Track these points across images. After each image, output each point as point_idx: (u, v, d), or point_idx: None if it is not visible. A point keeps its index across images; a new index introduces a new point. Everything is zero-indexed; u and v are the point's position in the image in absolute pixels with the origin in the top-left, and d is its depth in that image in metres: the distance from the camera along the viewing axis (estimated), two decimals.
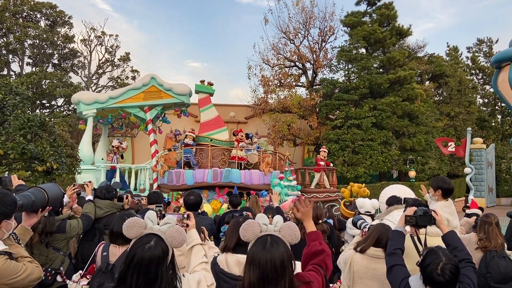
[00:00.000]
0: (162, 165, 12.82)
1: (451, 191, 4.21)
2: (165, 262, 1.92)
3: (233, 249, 3.04)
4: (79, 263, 4.62)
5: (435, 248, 2.62)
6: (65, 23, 23.48)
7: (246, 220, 2.76)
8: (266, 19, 24.51)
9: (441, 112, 27.25)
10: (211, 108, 14.28)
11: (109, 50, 23.98)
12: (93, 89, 23.63)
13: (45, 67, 22.34)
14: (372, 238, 3.50)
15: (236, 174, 12.64)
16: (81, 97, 12.44)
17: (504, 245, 4.51)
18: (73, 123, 21.23)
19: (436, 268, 2.44)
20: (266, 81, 23.43)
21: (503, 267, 4.17)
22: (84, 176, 11.49)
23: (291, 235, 2.06)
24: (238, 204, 6.01)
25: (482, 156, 26.21)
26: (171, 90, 13.12)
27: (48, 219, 3.97)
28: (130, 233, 1.96)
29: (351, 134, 21.42)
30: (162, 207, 4.47)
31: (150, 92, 12.93)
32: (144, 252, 1.86)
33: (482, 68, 32.98)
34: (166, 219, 2.09)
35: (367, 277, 3.41)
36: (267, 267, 1.91)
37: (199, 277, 2.26)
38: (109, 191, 5.02)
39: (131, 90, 12.81)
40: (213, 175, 12.49)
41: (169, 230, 2.00)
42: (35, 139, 13.36)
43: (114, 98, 12.58)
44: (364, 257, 3.45)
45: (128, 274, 1.85)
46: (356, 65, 23.31)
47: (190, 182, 12.42)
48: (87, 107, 12.34)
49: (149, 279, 1.84)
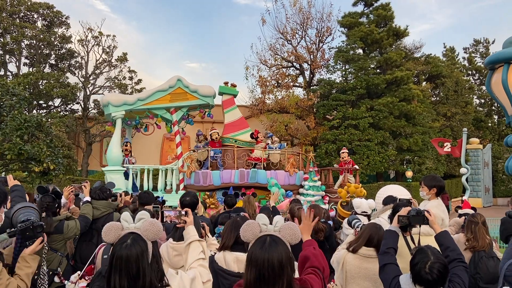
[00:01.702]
0: (188, 165, 12.91)
1: (443, 189, 4.27)
2: (145, 257, 1.94)
3: (231, 247, 3.07)
4: (77, 264, 4.63)
5: (424, 247, 2.67)
6: (62, 23, 23.41)
7: (244, 219, 2.79)
8: (264, 19, 24.58)
9: (437, 113, 27.34)
10: (235, 109, 14.54)
11: (106, 51, 23.93)
12: (90, 89, 23.56)
13: (42, 67, 22.27)
14: (363, 237, 3.54)
15: (262, 175, 12.81)
16: (110, 98, 12.47)
17: (493, 244, 4.55)
18: (70, 124, 21.19)
19: (424, 267, 2.48)
20: (264, 81, 23.47)
21: (492, 267, 4.18)
22: (114, 177, 11.68)
23: (291, 235, 2.05)
24: (233, 204, 6.04)
25: (479, 156, 26.32)
26: (197, 92, 13.27)
27: (46, 219, 3.97)
28: (109, 238, 2.02)
29: (348, 134, 21.48)
30: (159, 207, 4.51)
31: (176, 94, 13.06)
32: (121, 251, 1.91)
33: (478, 68, 33.11)
34: (139, 214, 2.13)
35: (360, 276, 3.44)
36: (264, 266, 1.89)
37: (193, 274, 2.25)
38: (103, 191, 5.05)
39: (158, 92, 12.86)
40: (240, 176, 12.67)
41: (143, 224, 2.04)
42: (31, 140, 13.37)
43: (142, 100, 12.66)
44: (356, 256, 3.49)
45: (112, 274, 1.90)
46: (353, 66, 23.36)
47: (217, 183, 12.60)
48: (116, 109, 12.34)
49: (132, 277, 1.87)
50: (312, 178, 13.31)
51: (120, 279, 1.87)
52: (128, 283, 1.87)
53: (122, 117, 12.56)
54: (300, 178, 13.60)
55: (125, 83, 23.89)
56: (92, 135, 22.93)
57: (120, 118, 12.51)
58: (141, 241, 1.97)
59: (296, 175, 13.46)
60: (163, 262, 3.34)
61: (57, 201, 4.27)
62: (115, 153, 12.21)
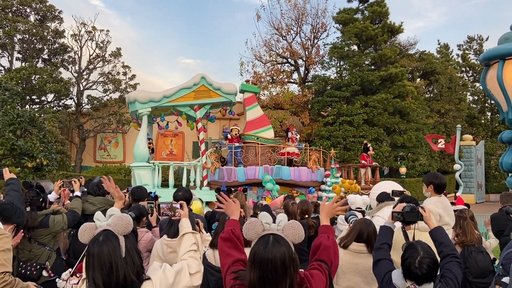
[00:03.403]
0: (212, 162, 13.04)
1: (442, 186, 4.22)
2: (117, 252, 1.96)
3: None
4: (70, 259, 4.62)
5: (414, 242, 2.70)
6: (55, 17, 23.15)
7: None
8: (259, 15, 24.53)
9: (431, 109, 27.46)
10: (256, 107, 14.88)
11: (100, 46, 23.73)
12: (84, 84, 23.37)
13: (34, 62, 22.04)
14: (353, 233, 3.57)
15: (286, 171, 13.11)
16: (137, 96, 12.54)
17: (482, 239, 4.59)
18: (63, 119, 21.03)
19: (414, 262, 2.51)
20: (258, 77, 23.43)
21: (481, 262, 4.24)
22: (141, 173, 11.90)
23: (295, 234, 2.03)
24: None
25: (472, 153, 26.48)
26: (220, 90, 13.39)
27: (30, 214, 3.96)
28: (84, 238, 2.04)
29: (342, 130, 21.53)
30: (153, 204, 4.48)
31: (200, 91, 13.20)
32: (93, 248, 1.95)
33: (472, 65, 33.26)
34: (109, 211, 2.14)
35: (350, 272, 3.47)
36: (267, 267, 1.87)
37: (180, 267, 2.22)
38: (99, 187, 5.00)
39: (183, 89, 13.00)
40: (264, 172, 12.86)
41: (113, 220, 2.05)
42: (24, 135, 13.28)
43: (167, 97, 12.76)
44: (346, 252, 3.51)
45: (88, 271, 1.95)
46: (348, 62, 23.39)
47: (242, 179, 12.80)
48: (142, 106, 12.44)
49: (105, 272, 1.91)
50: (334, 175, 13.61)
51: (94, 276, 1.92)
52: (103, 279, 1.90)
53: (148, 114, 12.73)
54: (322, 175, 13.92)
55: (119, 79, 23.70)
56: (86, 130, 22.77)
57: (146, 115, 12.69)
58: (112, 237, 1.99)
59: (318, 172, 13.80)
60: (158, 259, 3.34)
61: (42, 196, 4.26)
62: (142, 149, 12.37)
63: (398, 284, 2.62)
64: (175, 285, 2.12)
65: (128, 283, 1.94)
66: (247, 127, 14.38)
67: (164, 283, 2.07)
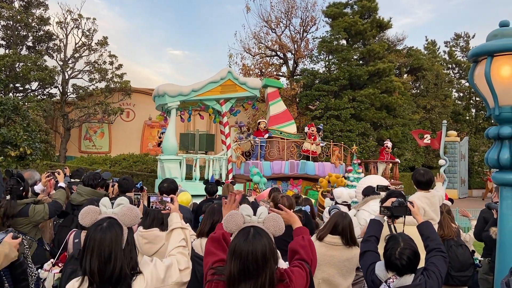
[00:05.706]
0: (238, 156, 13.16)
1: (423, 183, 4.08)
2: (119, 242, 1.93)
3: (207, 233, 3.05)
4: (54, 249, 4.57)
5: (396, 234, 2.74)
6: (40, 4, 22.66)
7: (221, 205, 2.77)
8: (248, 7, 24.36)
9: (418, 105, 27.75)
10: (279, 101, 15.15)
11: (86, 34, 23.32)
12: (69, 73, 22.98)
13: (19, 49, 21.57)
14: (329, 225, 3.62)
15: (310, 166, 13.27)
16: (167, 89, 12.65)
17: (460, 232, 4.66)
18: (48, 108, 20.67)
19: (394, 253, 2.55)
20: (247, 70, 23.34)
21: (461, 255, 4.33)
22: (170, 166, 12.14)
23: (275, 227, 2.03)
24: (214, 192, 6.04)
25: (456, 148, 26.85)
26: (245, 84, 13.70)
27: (10, 202, 3.92)
28: (85, 221, 1.99)
29: (330, 124, 21.63)
30: (140, 195, 4.44)
31: (226, 86, 13.43)
32: (96, 233, 1.91)
33: (458, 62, 33.60)
34: (119, 200, 2.11)
35: (325, 263, 3.51)
36: (248, 259, 1.87)
37: (170, 262, 2.20)
38: (93, 179, 4.98)
39: (210, 83, 13.21)
40: (290, 167, 12.98)
41: (122, 210, 2.03)
42: (8, 123, 13.02)
43: (195, 91, 12.96)
44: (322, 244, 3.55)
45: (84, 256, 1.91)
46: (337, 56, 23.43)
47: (268, 173, 12.77)
48: (172, 99, 12.62)
49: (102, 260, 1.87)
50: (356, 170, 13.73)
51: (91, 262, 1.87)
52: (99, 266, 1.87)
53: (176, 107, 12.89)
54: (343, 170, 14.07)
55: (105, 68, 23.36)
56: (71, 120, 22.45)
57: (175, 108, 12.84)
58: (117, 226, 1.97)
59: (340, 167, 14.03)
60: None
61: (22, 184, 4.22)
62: (171, 142, 12.56)
63: (380, 275, 2.67)
64: (165, 280, 2.10)
65: (122, 276, 1.92)
66: (270, 122, 14.50)
67: (156, 278, 2.05)
